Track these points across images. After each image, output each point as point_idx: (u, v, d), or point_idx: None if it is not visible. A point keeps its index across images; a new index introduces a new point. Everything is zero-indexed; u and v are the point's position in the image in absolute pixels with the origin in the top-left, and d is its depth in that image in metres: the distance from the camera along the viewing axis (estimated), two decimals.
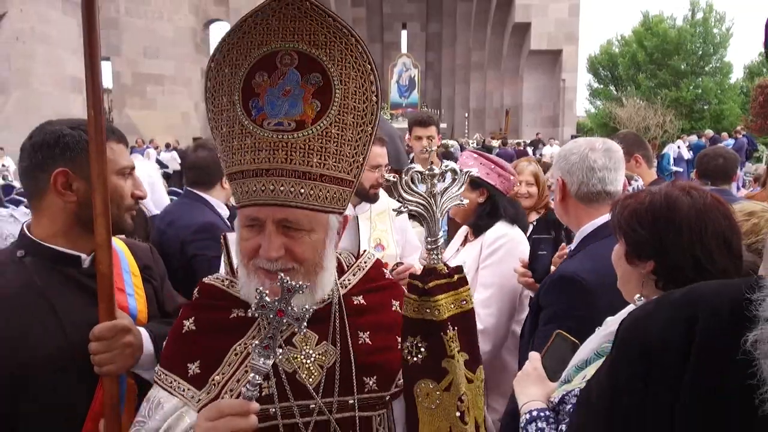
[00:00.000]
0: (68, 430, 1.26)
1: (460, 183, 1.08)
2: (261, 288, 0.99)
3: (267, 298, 0.96)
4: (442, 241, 1.07)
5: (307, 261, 1.11)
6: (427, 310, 1.01)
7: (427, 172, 1.05)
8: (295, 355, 1.13)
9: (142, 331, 1.31)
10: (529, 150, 18.67)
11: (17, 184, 8.96)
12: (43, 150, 1.31)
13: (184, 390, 1.12)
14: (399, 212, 1.04)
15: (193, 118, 22.69)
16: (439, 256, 1.06)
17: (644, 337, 0.80)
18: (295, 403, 1.10)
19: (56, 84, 14.77)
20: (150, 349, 1.31)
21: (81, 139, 1.30)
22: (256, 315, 1.00)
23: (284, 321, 0.97)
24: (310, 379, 1.13)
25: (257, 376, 0.96)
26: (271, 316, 0.96)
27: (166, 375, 1.14)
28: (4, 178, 12.34)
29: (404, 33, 31.36)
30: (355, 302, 1.24)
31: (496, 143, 19.61)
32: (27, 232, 1.33)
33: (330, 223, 1.14)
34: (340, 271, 1.28)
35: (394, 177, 1.05)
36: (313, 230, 1.11)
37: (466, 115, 27.77)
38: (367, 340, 1.19)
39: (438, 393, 1.00)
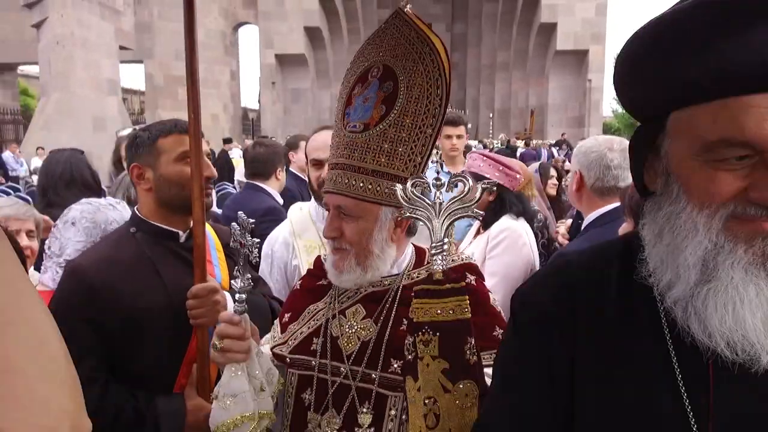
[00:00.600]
0: (169, 371, 1.54)
1: (474, 194, 1.09)
2: (236, 224, 1.30)
3: (237, 232, 1.29)
4: (446, 248, 1.10)
5: (356, 244, 1.26)
6: (414, 311, 1.08)
7: (432, 182, 1.10)
8: (342, 324, 1.31)
9: (226, 294, 1.57)
10: (554, 150, 18.68)
11: None
12: (126, 151, 1.66)
13: (275, 332, 1.41)
14: (404, 217, 1.12)
15: (222, 119, 23.19)
16: (440, 263, 1.09)
17: (534, 304, 0.89)
18: (330, 363, 1.28)
19: (93, 87, 15.27)
20: (231, 309, 1.57)
21: (146, 138, 1.61)
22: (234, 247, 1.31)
23: (243, 251, 1.28)
24: (348, 346, 1.28)
25: (241, 295, 1.26)
26: (238, 247, 1.28)
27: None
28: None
29: None
30: (412, 294, 1.31)
31: (520, 143, 19.66)
32: (137, 213, 1.63)
33: (381, 215, 1.25)
34: (419, 263, 1.39)
35: (398, 186, 1.10)
36: (361, 218, 1.25)
37: (491, 115, 27.81)
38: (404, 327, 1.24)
39: (414, 392, 1.06)
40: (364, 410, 1.24)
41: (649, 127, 0.78)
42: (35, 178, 13.29)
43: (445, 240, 1.10)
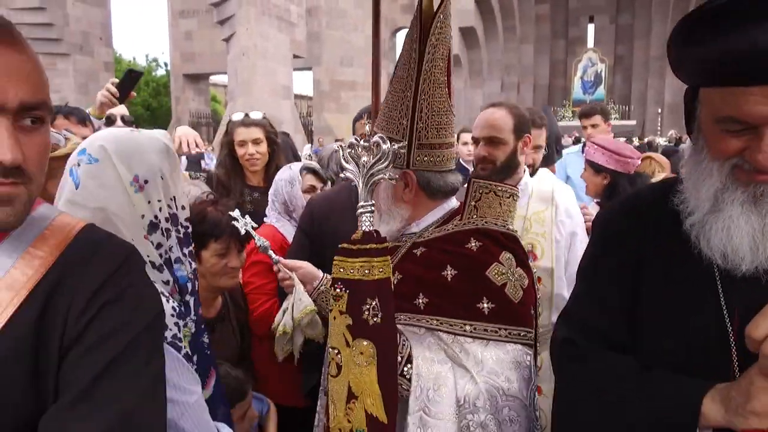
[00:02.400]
0: None
1: (385, 159, 1.12)
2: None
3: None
4: (368, 209, 1.14)
5: (376, 206, 1.32)
6: (333, 267, 1.14)
7: (362, 143, 1.14)
8: None
9: None
10: None
11: None
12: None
13: None
14: (343, 179, 1.22)
15: None
16: (363, 224, 1.13)
17: (609, 228, 1.18)
18: None
19: (271, 92, 16.99)
20: None
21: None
22: None
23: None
24: None
25: (264, 244, 1.85)
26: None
27: None
28: None
29: (591, 27, 29.94)
30: (414, 251, 1.40)
31: None
32: None
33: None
34: (446, 222, 1.44)
35: (338, 146, 1.17)
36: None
37: (659, 110, 25.67)
38: (394, 281, 1.28)
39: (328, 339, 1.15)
40: None
41: (689, 92, 1.03)
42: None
43: (371, 201, 1.15)
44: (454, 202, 1.48)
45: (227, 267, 1.79)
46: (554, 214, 2.16)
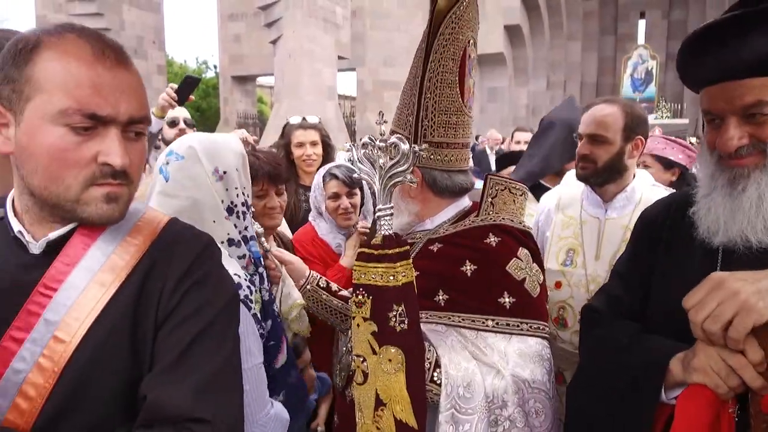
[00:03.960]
0: None
1: (405, 162, 1.07)
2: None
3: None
4: (388, 212, 1.10)
5: (395, 204, 1.30)
6: (353, 272, 1.12)
7: (377, 142, 1.09)
8: None
9: None
10: None
11: None
12: None
13: None
14: (358, 177, 1.17)
15: None
16: (383, 228, 1.09)
17: (646, 219, 1.33)
18: None
19: (316, 93, 17.18)
20: None
21: None
22: None
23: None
24: None
25: (260, 239, 1.68)
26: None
27: None
28: None
29: (642, 23, 29.07)
30: (430, 247, 1.40)
31: None
32: None
33: None
34: (460, 219, 1.44)
35: (350, 145, 1.12)
36: None
37: None
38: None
39: (351, 345, 1.11)
40: None
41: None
42: None
43: (390, 204, 1.10)
44: (467, 201, 1.50)
45: (266, 208, 1.90)
46: None
